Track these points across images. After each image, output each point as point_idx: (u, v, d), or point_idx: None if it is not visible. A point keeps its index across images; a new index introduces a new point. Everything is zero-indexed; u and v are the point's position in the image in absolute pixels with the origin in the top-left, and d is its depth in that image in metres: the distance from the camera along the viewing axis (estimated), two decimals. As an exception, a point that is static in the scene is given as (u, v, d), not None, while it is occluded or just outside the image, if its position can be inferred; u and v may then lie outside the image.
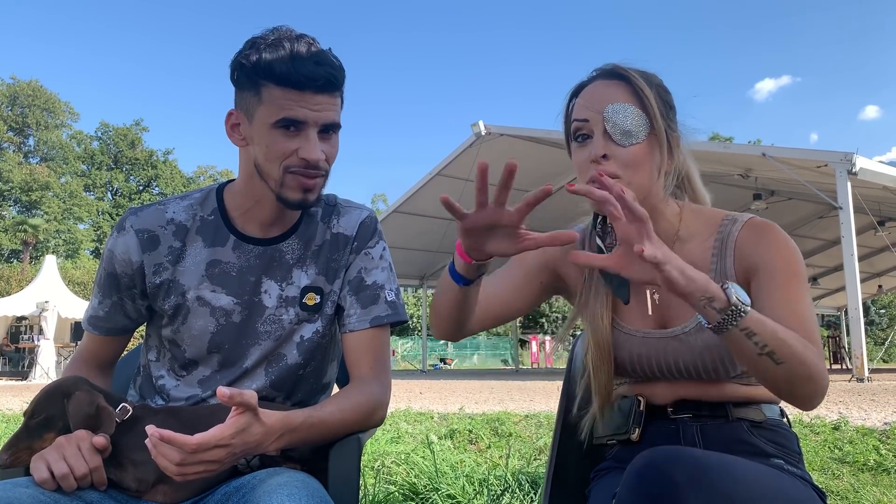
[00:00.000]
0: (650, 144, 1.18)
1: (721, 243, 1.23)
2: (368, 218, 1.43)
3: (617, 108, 1.17)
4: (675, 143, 1.23)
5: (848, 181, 10.15)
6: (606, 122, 1.18)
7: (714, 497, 0.91)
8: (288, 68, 1.21)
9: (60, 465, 1.12)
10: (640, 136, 1.17)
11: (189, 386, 1.36)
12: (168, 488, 1.20)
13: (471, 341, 37.44)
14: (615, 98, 1.19)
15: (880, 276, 21.56)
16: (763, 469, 1.07)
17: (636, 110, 1.18)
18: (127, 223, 1.34)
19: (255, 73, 1.23)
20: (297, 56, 1.22)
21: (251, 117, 1.26)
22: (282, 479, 1.12)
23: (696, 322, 1.21)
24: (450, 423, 5.38)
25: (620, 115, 1.17)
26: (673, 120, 1.23)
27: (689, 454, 0.96)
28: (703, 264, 1.24)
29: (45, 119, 47.87)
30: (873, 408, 6.01)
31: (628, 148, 1.17)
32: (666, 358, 1.22)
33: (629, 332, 1.27)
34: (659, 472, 0.92)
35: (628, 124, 1.17)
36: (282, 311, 1.36)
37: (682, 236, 1.27)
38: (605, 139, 1.18)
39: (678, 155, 1.24)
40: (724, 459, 1.00)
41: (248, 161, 1.30)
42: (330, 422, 1.23)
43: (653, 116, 1.18)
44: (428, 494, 2.89)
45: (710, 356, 1.20)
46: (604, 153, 1.17)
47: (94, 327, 1.40)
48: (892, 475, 3.33)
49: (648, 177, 1.20)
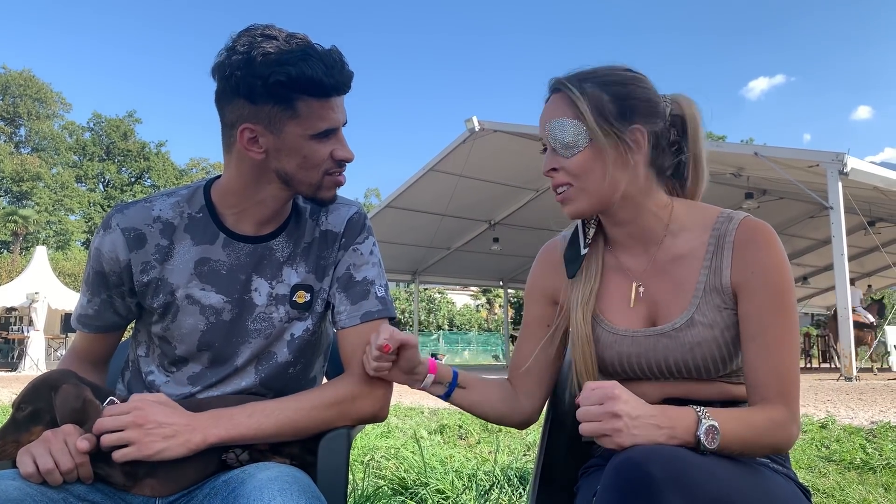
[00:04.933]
0: (594, 149, 1.21)
1: (717, 240, 1.24)
2: (357, 214, 1.42)
3: (554, 125, 1.24)
4: (635, 135, 1.22)
5: (839, 181, 10.19)
6: (549, 138, 1.25)
7: (692, 491, 0.93)
8: (326, 81, 1.21)
9: (46, 459, 1.12)
10: (581, 145, 1.22)
11: (179, 383, 1.35)
12: (155, 482, 1.20)
13: (462, 337, 37.48)
14: (554, 114, 1.25)
15: (870, 276, 21.66)
16: (746, 467, 1.09)
17: (571, 122, 1.22)
18: (113, 221, 1.33)
19: (291, 88, 1.20)
20: (330, 66, 1.21)
21: (278, 130, 1.24)
22: (272, 474, 1.12)
23: (686, 318, 1.22)
24: (440, 418, 5.39)
25: (558, 130, 1.23)
26: (626, 115, 1.22)
27: (668, 451, 0.98)
28: (696, 259, 1.24)
29: (37, 109, 47.52)
30: (860, 407, 6.05)
31: (571, 158, 1.23)
32: (656, 356, 1.23)
33: (616, 331, 1.27)
34: (636, 467, 0.94)
35: (566, 137, 1.22)
36: (272, 309, 1.35)
37: (673, 230, 1.27)
38: (552, 154, 1.25)
39: (643, 146, 1.23)
40: (705, 457, 1.01)
41: (260, 168, 1.29)
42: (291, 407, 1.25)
43: (588, 125, 1.21)
44: (417, 489, 2.89)
45: (701, 353, 1.20)
46: (552, 167, 1.25)
47: (84, 325, 1.40)
48: (878, 473, 3.35)
49: (600, 179, 1.22)
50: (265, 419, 1.23)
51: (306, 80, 1.19)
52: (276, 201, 1.33)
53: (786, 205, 15.19)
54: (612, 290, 1.31)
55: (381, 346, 1.22)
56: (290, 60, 1.19)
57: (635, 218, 1.27)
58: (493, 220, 17.41)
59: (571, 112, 1.22)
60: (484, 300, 46.30)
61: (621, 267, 1.31)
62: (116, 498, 1.20)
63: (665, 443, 1.02)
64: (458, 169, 14.36)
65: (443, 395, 1.35)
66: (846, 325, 9.89)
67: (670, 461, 0.95)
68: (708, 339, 1.20)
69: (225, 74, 1.22)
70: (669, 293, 1.25)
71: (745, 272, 1.20)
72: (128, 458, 1.15)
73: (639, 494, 0.92)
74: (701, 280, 1.23)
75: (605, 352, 1.27)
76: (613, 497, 0.94)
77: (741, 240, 1.22)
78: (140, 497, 1.20)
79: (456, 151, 14.13)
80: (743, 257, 1.21)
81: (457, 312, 42.90)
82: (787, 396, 1.15)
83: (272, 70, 1.18)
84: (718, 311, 1.21)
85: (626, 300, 1.29)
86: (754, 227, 1.23)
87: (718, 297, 1.21)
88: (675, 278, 1.25)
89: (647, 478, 0.92)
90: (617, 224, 1.29)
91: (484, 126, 13.32)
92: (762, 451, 1.13)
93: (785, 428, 1.13)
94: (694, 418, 1.05)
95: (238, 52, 1.21)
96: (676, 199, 1.30)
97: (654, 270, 1.28)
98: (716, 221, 1.26)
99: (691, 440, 1.04)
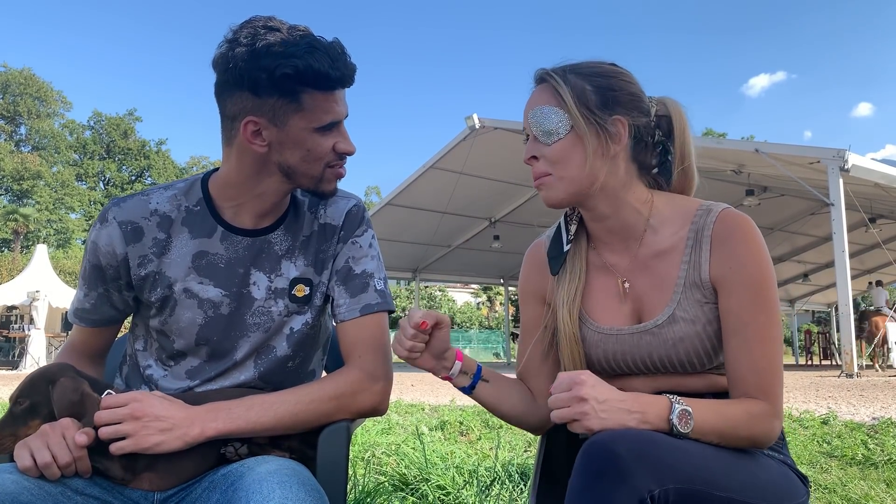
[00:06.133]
0: (575, 137, 1.22)
1: (696, 234, 1.23)
2: (355, 207, 1.41)
3: (536, 112, 1.24)
4: (616, 126, 1.22)
5: (840, 178, 10.18)
6: (531, 126, 1.26)
7: (660, 466, 0.94)
8: (332, 73, 1.20)
9: (44, 453, 1.11)
10: (561, 133, 1.22)
11: (177, 377, 1.35)
12: (154, 476, 1.19)
13: (463, 334, 37.49)
14: (537, 102, 1.25)
15: (871, 272, 21.64)
16: (731, 451, 1.09)
17: (552, 109, 1.22)
18: (109, 215, 1.32)
19: (297, 81, 1.19)
20: (335, 58, 1.20)
21: (282, 123, 1.23)
22: (271, 467, 1.11)
23: (667, 315, 1.21)
24: (441, 414, 5.38)
25: (539, 117, 1.24)
26: (609, 105, 1.22)
27: (636, 433, 1.00)
28: (676, 254, 1.23)
29: (37, 108, 47.55)
30: (862, 403, 6.05)
31: (552, 146, 1.23)
32: (640, 353, 1.23)
33: (601, 330, 1.27)
34: (603, 448, 0.96)
35: (547, 124, 1.23)
36: (271, 302, 1.34)
37: (653, 224, 1.26)
38: (533, 142, 1.26)
39: (624, 138, 1.23)
40: (679, 440, 1.03)
41: (262, 161, 1.27)
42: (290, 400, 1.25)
43: (570, 111, 1.21)
44: (418, 485, 2.89)
45: (684, 348, 1.20)
46: (532, 154, 1.26)
47: (80, 319, 1.39)
48: (880, 469, 3.35)
49: (579, 168, 1.22)
50: (264, 412, 1.22)
51: (313, 73, 1.18)
52: (276, 194, 1.32)
53: (787, 201, 15.18)
54: (597, 288, 1.30)
55: (418, 323, 1.21)
56: (297, 53, 1.17)
57: (615, 212, 1.26)
58: (493, 217, 17.42)
59: (554, 100, 1.23)
60: (484, 298, 46.35)
61: (605, 264, 1.31)
62: (115, 492, 1.19)
63: (636, 427, 1.02)
64: (458, 166, 14.36)
65: (466, 388, 1.32)
66: (847, 322, 9.89)
67: (637, 441, 0.96)
68: (690, 335, 1.19)
69: (227, 66, 1.20)
70: (651, 289, 1.25)
71: (723, 267, 1.19)
72: (124, 451, 1.14)
73: (607, 474, 0.93)
74: (681, 275, 1.22)
75: (591, 351, 1.27)
76: (583, 480, 0.95)
77: (719, 234, 1.20)
78: (138, 491, 1.20)
79: (456, 149, 14.13)
80: (721, 252, 1.19)
81: (457, 310, 42.94)
82: (768, 391, 1.14)
83: (278, 63, 1.17)
84: (700, 306, 1.20)
85: (610, 298, 1.28)
86: (732, 220, 1.21)
87: (699, 292, 1.20)
88: (657, 274, 1.24)
89: (613, 457, 0.93)
90: (597, 219, 1.29)
91: (484, 123, 13.31)
92: (740, 442, 1.11)
93: (764, 421, 1.12)
94: (666, 403, 1.06)
95: (241, 43, 1.19)
96: (657, 193, 1.29)
97: (636, 266, 1.27)
98: (695, 215, 1.24)
99: (664, 425, 1.04)
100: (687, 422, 1.04)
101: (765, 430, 1.12)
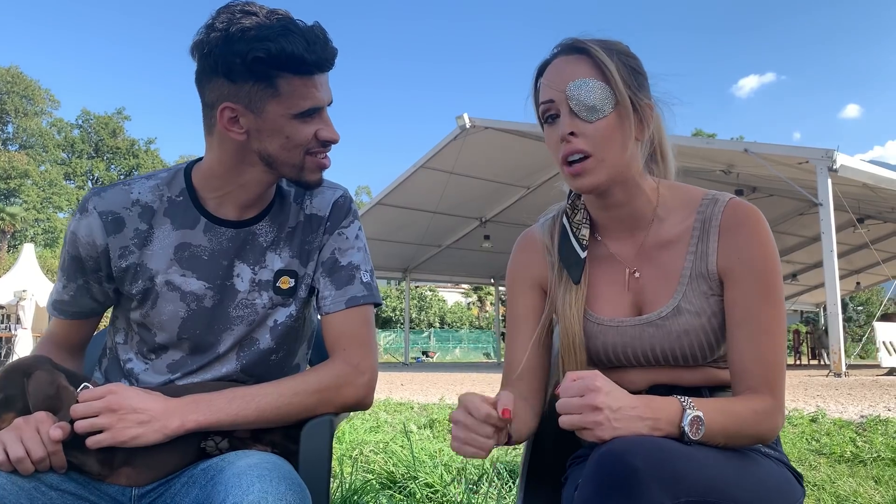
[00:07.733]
0: (618, 117, 1.15)
1: (702, 224, 1.20)
2: (342, 197, 1.39)
3: (579, 84, 1.15)
4: (646, 111, 1.19)
5: (829, 178, 10.25)
6: (570, 99, 1.15)
7: (675, 479, 0.91)
8: (308, 57, 1.16)
9: (17, 447, 1.08)
10: (606, 110, 1.14)
11: (158, 371, 1.32)
12: (132, 471, 1.17)
13: (453, 334, 37.51)
14: (576, 74, 1.16)
15: (859, 272, 21.81)
16: (735, 454, 1.07)
17: (599, 83, 1.15)
18: (90, 205, 1.29)
19: (271, 65, 1.15)
20: (312, 41, 1.17)
21: (259, 110, 1.20)
22: (252, 461, 1.09)
23: (672, 306, 1.19)
24: (429, 412, 5.37)
25: (583, 91, 1.14)
26: (642, 87, 1.19)
27: (650, 442, 0.95)
28: (682, 244, 1.21)
29: (25, 106, 47.22)
30: (850, 401, 6.08)
31: (595, 123, 1.15)
32: (642, 345, 1.20)
33: (602, 322, 1.24)
34: (618, 459, 0.91)
35: (592, 99, 1.14)
36: (255, 295, 1.32)
37: (660, 214, 1.24)
38: (570, 117, 1.16)
39: (651, 123, 1.21)
40: (690, 448, 0.99)
41: (242, 150, 1.25)
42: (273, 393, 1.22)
43: (616, 88, 1.15)
44: (406, 483, 2.87)
45: (689, 341, 1.18)
46: (571, 131, 1.15)
47: (59, 311, 1.36)
48: (869, 466, 3.37)
49: (620, 150, 1.16)
50: (246, 405, 1.20)
51: (286, 57, 1.15)
52: (260, 185, 1.30)
53: (775, 202, 15.28)
54: (599, 279, 1.27)
55: (498, 415, 1.04)
56: (270, 36, 1.15)
57: (630, 200, 1.22)
58: (484, 217, 17.43)
59: (599, 74, 1.15)
60: (475, 298, 46.36)
61: (609, 254, 1.27)
62: (91, 487, 1.16)
63: (648, 434, 0.98)
64: (449, 166, 14.36)
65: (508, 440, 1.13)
66: (835, 321, 9.95)
67: (653, 452, 0.92)
68: (695, 327, 1.17)
69: (203, 52, 1.19)
70: (656, 280, 1.22)
71: (731, 258, 1.17)
72: (101, 445, 1.12)
73: (620, 487, 0.89)
74: (687, 266, 1.20)
75: (590, 342, 1.24)
76: (594, 490, 0.91)
77: (728, 224, 1.18)
78: (115, 486, 1.17)
79: (447, 149, 14.13)
80: (729, 242, 1.17)
81: (448, 310, 42.92)
82: (773, 385, 1.12)
83: (251, 46, 1.14)
84: (705, 298, 1.18)
85: (614, 288, 1.25)
86: (742, 210, 1.19)
87: (705, 284, 1.18)
88: (662, 264, 1.22)
89: (628, 470, 0.89)
90: (609, 207, 1.24)
91: (475, 123, 13.31)
92: (746, 441, 1.10)
93: (770, 418, 1.11)
94: (678, 409, 1.02)
95: (216, 28, 1.17)
96: (661, 183, 1.26)
97: (641, 256, 1.24)
98: (700, 204, 1.22)
99: (675, 431, 1.01)
100: (698, 428, 1.01)
101: (770, 427, 1.11)
